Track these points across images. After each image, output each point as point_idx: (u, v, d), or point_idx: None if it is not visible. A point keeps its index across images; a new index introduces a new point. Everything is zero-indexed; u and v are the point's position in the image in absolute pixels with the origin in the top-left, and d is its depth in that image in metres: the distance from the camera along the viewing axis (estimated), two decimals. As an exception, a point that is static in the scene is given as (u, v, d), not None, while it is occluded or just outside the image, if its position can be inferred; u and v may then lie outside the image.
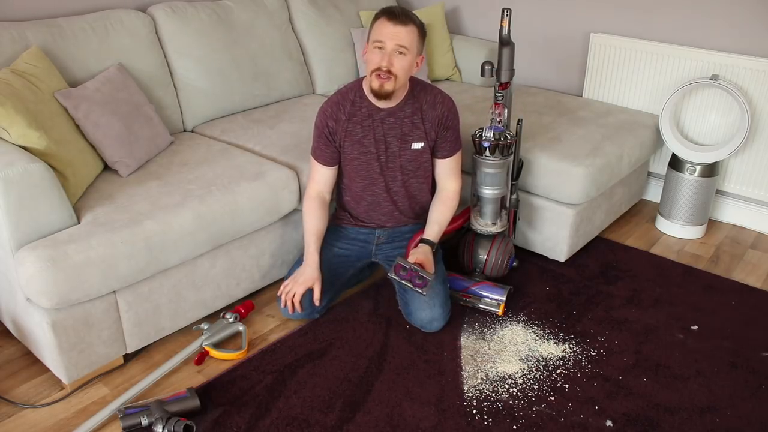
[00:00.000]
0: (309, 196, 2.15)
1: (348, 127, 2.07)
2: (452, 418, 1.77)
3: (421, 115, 2.07)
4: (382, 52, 1.92)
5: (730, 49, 2.69)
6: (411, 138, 2.09)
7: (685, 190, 2.68)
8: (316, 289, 2.05)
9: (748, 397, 1.86)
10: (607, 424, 1.76)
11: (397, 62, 1.93)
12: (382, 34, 1.92)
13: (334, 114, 2.08)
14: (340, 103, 2.08)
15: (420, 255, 2.06)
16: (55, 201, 1.76)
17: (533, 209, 2.48)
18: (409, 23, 1.93)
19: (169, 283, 1.98)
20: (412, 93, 2.07)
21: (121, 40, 2.40)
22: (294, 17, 3.01)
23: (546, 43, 3.23)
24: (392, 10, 1.93)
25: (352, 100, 2.07)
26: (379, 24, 1.94)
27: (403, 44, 1.92)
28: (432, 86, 2.12)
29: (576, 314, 2.23)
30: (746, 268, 2.55)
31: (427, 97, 2.08)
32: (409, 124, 2.08)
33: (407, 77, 2.00)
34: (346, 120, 2.07)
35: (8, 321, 2.01)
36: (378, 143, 2.08)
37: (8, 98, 1.79)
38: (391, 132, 2.08)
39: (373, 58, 1.94)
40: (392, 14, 1.92)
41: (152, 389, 1.89)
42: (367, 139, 2.08)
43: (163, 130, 2.37)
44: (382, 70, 1.92)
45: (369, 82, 1.99)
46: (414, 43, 1.95)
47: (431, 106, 2.08)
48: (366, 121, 2.06)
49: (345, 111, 2.07)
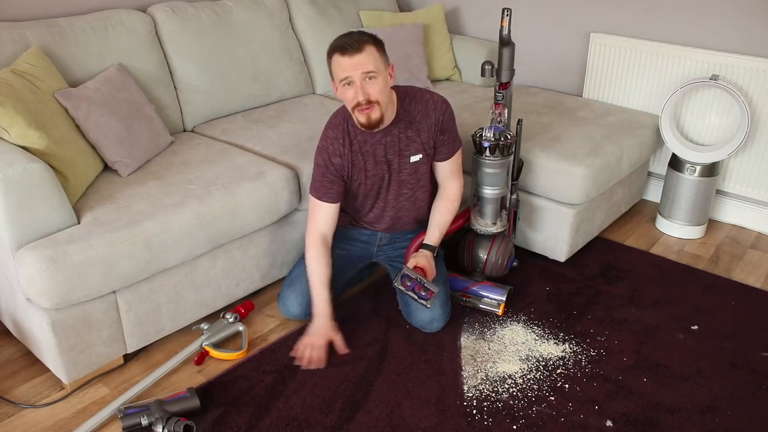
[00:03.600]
0: (312, 241, 2.05)
1: (352, 158, 2.03)
2: (452, 418, 1.77)
3: (416, 127, 2.03)
4: (354, 86, 1.85)
5: (730, 49, 2.69)
6: (408, 152, 2.05)
7: (685, 190, 2.68)
8: (336, 340, 2.00)
9: (748, 397, 1.86)
10: (607, 424, 1.76)
11: (372, 88, 1.86)
12: (344, 69, 1.85)
13: (337, 150, 2.01)
14: (338, 137, 2.01)
15: (421, 260, 2.06)
16: (55, 201, 1.76)
17: (533, 209, 2.48)
18: (363, 47, 1.83)
19: (169, 283, 1.98)
20: (402, 106, 2.01)
21: (121, 40, 2.40)
22: (294, 17, 3.01)
23: (546, 43, 3.23)
24: (342, 44, 1.83)
25: (348, 131, 2.02)
26: (336, 61, 1.85)
27: (369, 69, 1.83)
28: (422, 92, 2.06)
29: (576, 314, 2.23)
30: (746, 268, 2.55)
31: (419, 106, 2.03)
32: (405, 139, 2.03)
33: (388, 96, 1.94)
34: (349, 151, 2.02)
35: (8, 321, 2.02)
36: (379, 164, 2.05)
37: (8, 98, 1.79)
38: (390, 150, 2.04)
39: (347, 95, 1.88)
40: (344, 48, 1.82)
41: (152, 389, 1.89)
42: (369, 164, 2.04)
43: (163, 130, 2.37)
44: (362, 103, 1.87)
45: (355, 118, 1.94)
46: (378, 62, 1.86)
47: (424, 115, 2.03)
48: (365, 147, 2.03)
49: (345, 143, 2.01)
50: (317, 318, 2.02)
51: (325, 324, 2.01)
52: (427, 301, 1.99)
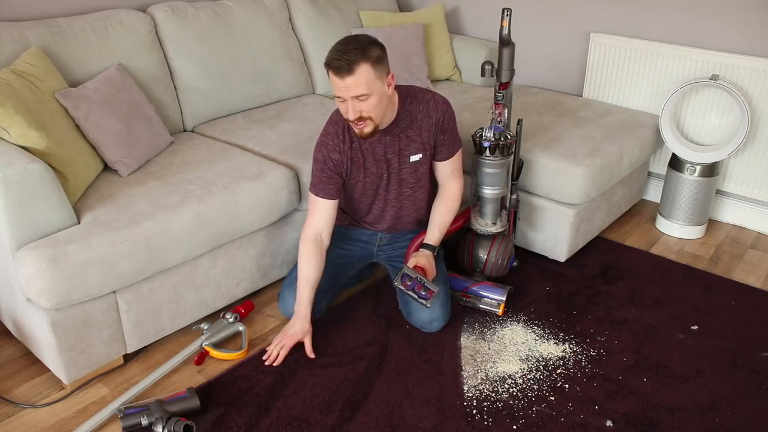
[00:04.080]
0: (306, 239, 2.04)
1: (352, 155, 2.03)
2: (452, 418, 1.77)
3: (417, 127, 2.03)
4: (346, 104, 1.85)
5: (730, 49, 2.69)
6: (408, 151, 2.05)
7: (685, 190, 2.68)
8: (306, 343, 1.99)
9: (748, 397, 1.86)
10: (607, 424, 1.76)
11: (364, 106, 1.84)
12: (337, 88, 1.82)
13: (336, 147, 2.01)
14: (338, 134, 2.01)
15: (422, 259, 2.06)
16: (55, 201, 1.76)
17: (533, 209, 2.48)
18: (355, 68, 1.78)
19: (169, 283, 1.98)
20: (403, 107, 2.01)
21: (121, 40, 2.40)
22: (294, 17, 3.01)
23: (546, 43, 3.23)
24: (336, 63, 1.79)
25: (348, 128, 2.01)
26: (331, 77, 1.82)
27: (359, 93, 1.80)
28: (423, 92, 2.06)
29: (576, 314, 2.23)
30: (746, 268, 2.55)
31: (420, 106, 2.02)
32: (405, 139, 2.04)
33: (384, 107, 1.91)
34: (349, 148, 2.02)
35: (8, 321, 2.02)
36: (379, 163, 2.05)
37: (8, 98, 1.79)
38: (390, 149, 2.04)
39: (341, 108, 1.88)
40: (337, 68, 1.78)
41: (152, 389, 1.89)
42: (368, 162, 2.05)
43: (163, 130, 2.37)
44: (354, 121, 1.87)
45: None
46: (372, 80, 1.81)
47: (426, 115, 2.02)
48: (364, 145, 2.03)
49: (345, 140, 2.01)
50: (296, 318, 2.01)
51: (302, 328, 2.00)
52: (427, 301, 1.99)
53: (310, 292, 2.02)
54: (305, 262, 2.03)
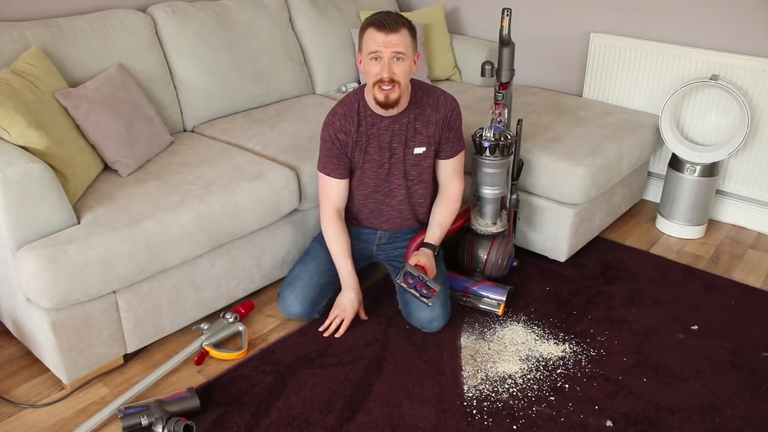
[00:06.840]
0: (328, 217, 2.12)
1: (357, 138, 2.05)
2: (452, 418, 1.77)
3: (424, 119, 2.06)
4: (380, 63, 1.89)
5: (730, 49, 2.69)
6: (413, 143, 2.07)
7: (685, 190, 2.68)
8: (360, 310, 2.15)
9: (748, 397, 1.86)
10: (607, 424, 1.76)
11: (398, 69, 1.90)
12: (376, 43, 1.88)
13: (343, 127, 2.04)
14: (347, 114, 2.04)
15: (422, 258, 2.06)
16: (55, 201, 1.76)
17: (533, 209, 2.48)
18: (399, 28, 1.88)
19: (169, 283, 1.98)
20: (414, 97, 2.05)
21: (121, 40, 2.40)
22: (294, 17, 3.01)
23: (546, 43, 3.23)
24: (381, 19, 1.88)
25: (358, 110, 2.04)
26: (370, 34, 1.89)
27: (399, 50, 1.88)
28: (434, 88, 2.11)
29: (576, 314, 2.23)
30: (746, 268, 2.55)
31: (430, 99, 2.06)
32: (412, 130, 2.06)
33: (408, 82, 1.98)
34: (356, 131, 2.04)
35: (8, 321, 2.02)
36: (383, 150, 2.07)
37: (8, 98, 1.79)
38: (396, 138, 2.06)
39: (372, 69, 1.91)
40: (381, 24, 1.86)
41: (152, 389, 1.89)
42: (372, 147, 2.06)
43: (163, 130, 2.37)
44: (385, 80, 1.90)
45: (372, 94, 1.97)
46: (409, 46, 1.91)
47: (435, 108, 2.06)
48: (371, 130, 2.05)
49: (354, 122, 2.04)
50: (345, 290, 2.11)
51: (357, 296, 2.12)
52: (428, 299, 2.00)
53: (350, 262, 2.12)
54: (336, 238, 2.11)
